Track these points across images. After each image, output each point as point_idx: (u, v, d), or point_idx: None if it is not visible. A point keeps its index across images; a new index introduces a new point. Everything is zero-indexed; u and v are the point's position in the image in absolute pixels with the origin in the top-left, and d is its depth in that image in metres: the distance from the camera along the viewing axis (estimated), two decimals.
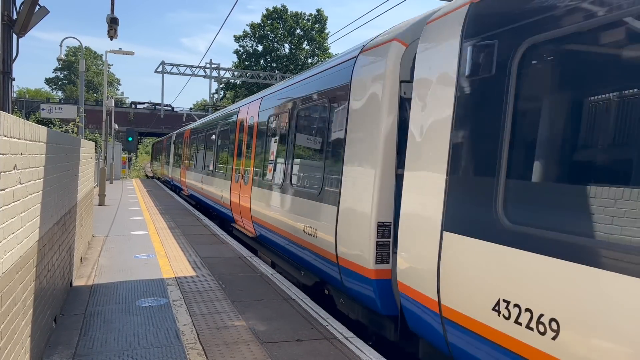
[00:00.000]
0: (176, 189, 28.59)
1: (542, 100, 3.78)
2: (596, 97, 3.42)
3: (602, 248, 2.97)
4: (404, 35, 5.85)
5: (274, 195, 9.44)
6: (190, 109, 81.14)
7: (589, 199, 3.18)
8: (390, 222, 5.69)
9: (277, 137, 10.02)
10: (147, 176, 57.00)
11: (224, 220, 15.14)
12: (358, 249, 5.99)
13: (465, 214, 4.15)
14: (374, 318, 6.11)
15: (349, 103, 6.60)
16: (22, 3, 8.53)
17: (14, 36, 8.66)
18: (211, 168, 16.93)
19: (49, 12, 8.98)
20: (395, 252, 5.45)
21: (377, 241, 5.68)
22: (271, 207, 9.56)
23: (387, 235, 5.70)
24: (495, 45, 4.01)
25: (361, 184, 6.01)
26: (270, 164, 10.09)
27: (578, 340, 3.06)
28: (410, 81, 5.47)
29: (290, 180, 8.58)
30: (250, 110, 12.43)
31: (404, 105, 5.65)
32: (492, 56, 4.03)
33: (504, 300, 3.61)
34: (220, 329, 5.91)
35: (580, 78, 3.49)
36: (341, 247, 6.42)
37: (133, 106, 64.23)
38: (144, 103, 56.89)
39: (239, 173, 12.51)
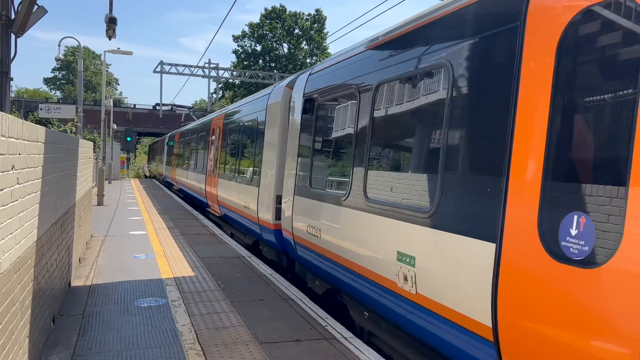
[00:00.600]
0: (169, 185, 32.61)
1: (326, 130, 7.80)
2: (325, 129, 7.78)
3: (318, 191, 7.34)
4: (291, 83, 9.54)
5: (230, 184, 13.48)
6: (189, 108, 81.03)
7: (309, 176, 7.71)
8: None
9: (232, 142, 14.46)
10: (145, 176, 56.96)
11: (200, 206, 19.50)
12: (267, 213, 9.77)
13: (300, 186, 8.08)
14: (278, 255, 9.82)
15: (265, 121, 10.66)
16: (20, 2, 8.50)
17: (12, 36, 8.64)
18: (193, 166, 21.11)
19: (47, 11, 8.96)
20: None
21: (275, 206, 9.41)
22: (229, 193, 13.53)
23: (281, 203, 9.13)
24: (312, 99, 8.03)
25: (268, 172, 9.97)
26: (229, 162, 14.40)
27: (324, 235, 6.95)
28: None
29: (238, 173, 12.90)
30: (218, 121, 16.65)
31: None
32: (311, 105, 8.04)
33: (309, 225, 7.49)
34: (219, 329, 5.91)
35: (329, 123, 7.69)
36: (260, 213, 10.27)
37: (157, 107, 62.87)
38: (170, 105, 56.02)
39: (211, 169, 16.51)
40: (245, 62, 65.43)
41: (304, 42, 66.96)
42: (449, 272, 4.32)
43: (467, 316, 4.08)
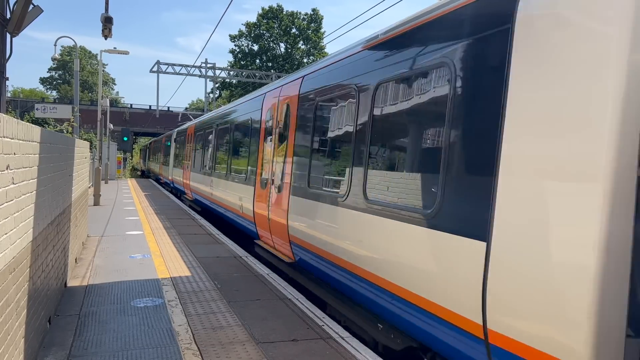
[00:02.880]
0: (150, 177, 47.27)
1: (180, 147, 25.29)
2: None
3: (177, 165, 25.85)
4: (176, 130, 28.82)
5: (166, 169, 30.67)
6: (186, 108, 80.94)
7: (174, 161, 27.25)
8: None
9: (164, 151, 32.55)
10: (140, 175, 58.42)
11: (166, 186, 32.99)
12: (169, 176, 30.50)
13: (175, 164, 26.85)
14: (180, 195, 24.92)
15: (170, 142, 29.71)
16: (16, 2, 8.47)
17: (8, 35, 8.60)
18: (162, 161, 34.53)
19: (42, 11, 8.93)
20: None
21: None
22: (164, 172, 32.07)
23: None
24: (177, 138, 27.51)
25: (169, 162, 30.22)
26: (167, 159, 30.40)
27: (175, 178, 26.60)
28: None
29: (169, 164, 28.87)
30: (165, 139, 32.94)
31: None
32: (176, 139, 27.29)
33: (175, 176, 26.21)
34: (216, 329, 5.90)
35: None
36: (169, 176, 29.96)
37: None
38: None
39: (169, 164, 29.37)
40: (242, 62, 65.32)
41: (301, 42, 66.91)
42: None
43: None
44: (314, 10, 66.74)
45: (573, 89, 3.32)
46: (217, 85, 63.37)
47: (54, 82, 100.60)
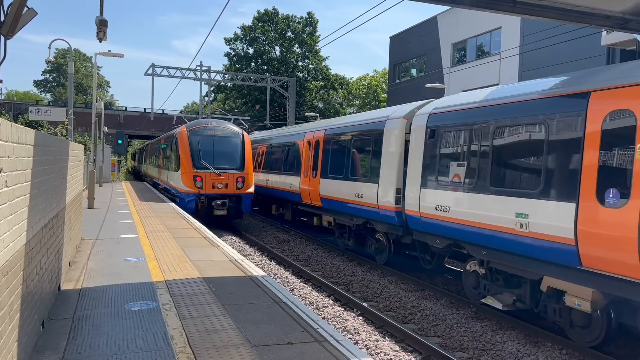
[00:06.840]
0: (139, 173, 53.85)
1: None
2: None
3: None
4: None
5: (149, 168, 37.27)
6: (181, 111, 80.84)
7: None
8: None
9: (155, 152, 32.18)
10: (134, 175, 60.21)
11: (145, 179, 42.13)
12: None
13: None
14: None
15: (164, 148, 30.27)
16: (10, 4, 8.44)
17: (2, 38, 8.57)
18: (146, 162, 40.54)
19: (37, 13, 8.89)
20: None
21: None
22: (148, 171, 38.41)
23: None
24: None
25: (152, 164, 38.51)
26: (152, 160, 35.62)
27: None
28: None
29: (153, 164, 33.67)
30: (150, 144, 39.37)
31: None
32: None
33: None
34: (210, 332, 5.88)
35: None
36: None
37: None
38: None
39: (147, 162, 38.82)
40: (237, 65, 65.27)
41: (296, 45, 66.96)
42: None
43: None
44: (309, 13, 66.81)
45: None
46: (212, 89, 63.32)
47: (48, 85, 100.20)
